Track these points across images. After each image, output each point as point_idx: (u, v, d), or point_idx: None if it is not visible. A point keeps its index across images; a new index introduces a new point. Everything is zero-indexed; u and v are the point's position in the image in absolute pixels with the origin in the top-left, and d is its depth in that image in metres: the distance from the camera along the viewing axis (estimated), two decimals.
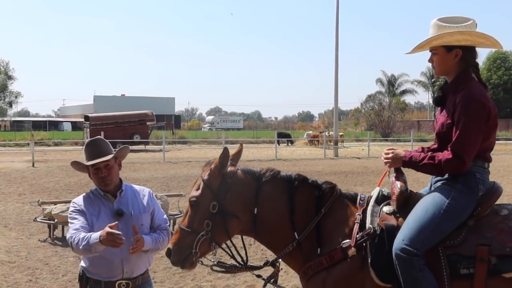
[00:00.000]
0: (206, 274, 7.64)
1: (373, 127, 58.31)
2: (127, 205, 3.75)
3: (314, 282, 3.36)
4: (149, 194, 3.92)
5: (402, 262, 3.05)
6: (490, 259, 3.09)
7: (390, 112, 59.80)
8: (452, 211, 3.14)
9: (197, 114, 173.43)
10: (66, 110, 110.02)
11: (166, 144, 31.38)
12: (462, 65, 3.32)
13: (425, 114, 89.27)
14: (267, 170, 3.58)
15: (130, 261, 3.66)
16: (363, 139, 47.04)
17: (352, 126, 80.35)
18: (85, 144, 3.83)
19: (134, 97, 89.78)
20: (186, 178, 19.44)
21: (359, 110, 75.95)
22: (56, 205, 9.98)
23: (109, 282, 3.64)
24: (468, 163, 3.17)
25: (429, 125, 68.98)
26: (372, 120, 60.95)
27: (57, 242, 9.52)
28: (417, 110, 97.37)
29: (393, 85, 79.39)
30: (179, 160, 28.71)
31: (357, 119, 76.77)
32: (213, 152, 34.33)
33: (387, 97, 74.12)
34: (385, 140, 48.27)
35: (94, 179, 3.75)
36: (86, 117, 40.50)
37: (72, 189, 16.38)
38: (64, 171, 22.06)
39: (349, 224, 3.38)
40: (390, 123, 59.00)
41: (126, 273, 3.66)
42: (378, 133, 55.47)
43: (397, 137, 52.59)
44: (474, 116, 3.13)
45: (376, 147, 39.70)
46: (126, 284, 3.67)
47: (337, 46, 36.54)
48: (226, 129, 49.12)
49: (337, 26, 36.48)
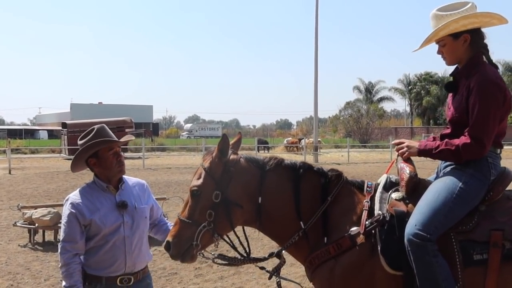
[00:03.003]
0: (193, 277, 7.55)
1: (351, 134, 58.62)
2: (129, 198, 3.60)
3: (321, 271, 3.25)
4: (146, 187, 3.81)
5: (415, 247, 2.97)
6: (504, 244, 3.03)
7: (368, 119, 60.28)
8: (464, 196, 3.07)
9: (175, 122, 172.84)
10: (42, 118, 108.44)
11: (145, 151, 31.11)
12: (472, 49, 3.26)
13: (402, 122, 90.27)
14: (270, 158, 3.49)
15: (133, 256, 3.53)
16: (342, 146, 47.34)
17: (330, 133, 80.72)
18: (96, 129, 3.56)
19: (111, 105, 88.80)
20: (167, 184, 19.31)
21: (338, 117, 76.37)
22: (37, 210, 9.83)
23: (110, 278, 3.49)
24: (488, 147, 3.11)
25: (406, 132, 69.77)
26: (351, 127, 61.35)
27: (38, 247, 9.33)
28: (393, 117, 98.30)
29: (370, 92, 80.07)
30: (158, 167, 28.48)
31: (335, 126, 77.16)
32: (193, 159, 34.17)
33: (365, 104, 74.74)
34: (363, 147, 48.62)
35: (110, 164, 3.51)
36: (64, 124, 39.82)
37: (51, 195, 16.10)
38: (41, 177, 21.74)
39: (357, 211, 3.30)
40: (368, 130, 59.41)
41: (128, 268, 3.53)
42: (356, 140, 55.79)
43: (375, 143, 52.98)
44: (491, 98, 3.07)
45: (355, 153, 40.04)
46: (128, 279, 3.52)
47: (317, 55, 36.80)
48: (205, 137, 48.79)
49: (316, 34, 36.74)
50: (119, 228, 3.48)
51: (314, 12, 36.82)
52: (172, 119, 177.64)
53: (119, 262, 3.48)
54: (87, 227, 3.43)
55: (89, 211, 3.43)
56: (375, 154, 40.79)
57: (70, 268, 3.34)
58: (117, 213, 3.49)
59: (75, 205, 3.44)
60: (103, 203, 3.49)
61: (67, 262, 3.35)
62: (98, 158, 3.52)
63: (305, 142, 37.70)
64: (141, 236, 3.62)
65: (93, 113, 64.21)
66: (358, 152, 41.97)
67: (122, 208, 3.50)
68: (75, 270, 3.35)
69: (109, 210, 3.48)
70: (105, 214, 3.45)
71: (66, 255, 3.36)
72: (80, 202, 3.46)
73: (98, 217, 3.43)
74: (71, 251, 3.37)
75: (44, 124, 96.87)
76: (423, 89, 77.95)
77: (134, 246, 3.53)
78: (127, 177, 3.78)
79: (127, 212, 3.52)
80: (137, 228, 3.55)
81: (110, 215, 3.47)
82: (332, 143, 54.41)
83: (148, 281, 3.71)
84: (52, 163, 32.20)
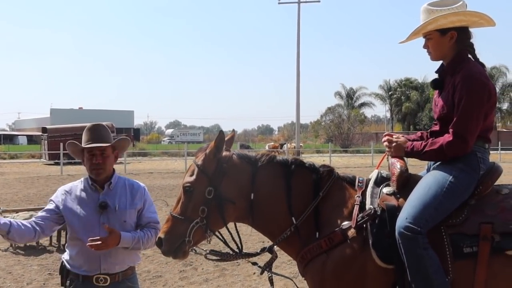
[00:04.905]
0: (178, 279, 7.52)
1: (332, 139, 58.95)
2: (113, 198, 3.58)
3: (313, 265, 3.27)
4: (143, 191, 3.76)
5: (406, 240, 3.00)
6: (494, 237, 3.07)
7: (350, 124, 60.68)
8: (454, 190, 3.11)
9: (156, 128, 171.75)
10: (22, 123, 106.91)
11: (126, 156, 30.88)
12: (458, 47, 3.31)
13: (383, 127, 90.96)
14: (262, 154, 3.51)
15: (109, 256, 3.49)
16: (323, 151, 47.55)
17: (311, 138, 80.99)
18: (86, 128, 3.63)
19: (92, 110, 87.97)
20: (149, 188, 18.56)
21: (319, 123, 76.72)
22: (18, 213, 9.64)
23: (87, 276, 3.49)
24: (471, 144, 3.16)
25: None
26: (332, 132, 61.69)
27: (19, 251, 9.21)
28: (374, 123, 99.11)
29: (351, 98, 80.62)
30: (140, 172, 28.30)
31: (316, 131, 77.47)
32: (175, 164, 34.04)
33: (346, 109, 75.23)
34: (345, 152, 48.89)
35: (87, 164, 3.59)
36: (44, 129, 39.24)
37: (32, 200, 15.88)
38: (22, 182, 21.45)
39: (348, 206, 3.33)
40: (350, 135, 59.84)
41: (104, 269, 3.50)
42: (337, 145, 56.10)
43: (356, 148, 53.36)
44: (475, 95, 3.12)
45: (337, 158, 40.28)
46: (104, 279, 3.50)
47: (298, 61, 37.12)
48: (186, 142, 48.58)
49: (298, 41, 37.13)
50: (94, 228, 3.46)
51: (296, 19, 37.18)
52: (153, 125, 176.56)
53: (93, 261, 3.48)
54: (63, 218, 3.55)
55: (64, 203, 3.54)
56: (357, 159, 41.04)
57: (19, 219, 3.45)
58: (94, 212, 3.49)
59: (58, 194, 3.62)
60: (85, 199, 3.54)
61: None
62: (83, 155, 3.61)
63: (287, 147, 37.77)
64: None
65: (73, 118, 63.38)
66: (339, 157, 42.23)
67: (101, 209, 3.50)
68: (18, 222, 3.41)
69: (89, 208, 3.50)
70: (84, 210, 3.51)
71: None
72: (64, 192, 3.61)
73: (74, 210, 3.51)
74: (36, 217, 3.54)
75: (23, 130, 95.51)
76: (403, 94, 78.76)
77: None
78: (126, 178, 3.79)
79: (106, 213, 3.51)
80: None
81: (86, 212, 3.48)
82: (313, 148, 54.59)
83: (129, 284, 3.64)
84: (32, 168, 31.79)
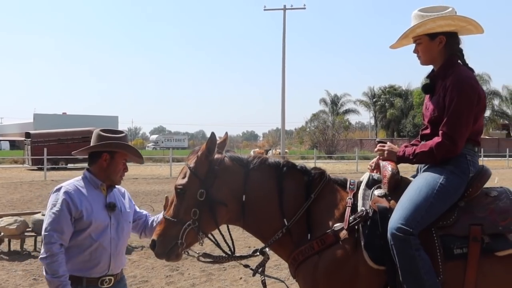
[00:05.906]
0: (164, 284, 7.50)
1: (317, 146, 59.16)
2: (117, 201, 3.62)
3: (305, 267, 3.29)
4: (127, 193, 3.85)
5: (398, 241, 3.04)
6: (483, 238, 3.12)
7: (334, 130, 61.00)
8: (445, 192, 3.16)
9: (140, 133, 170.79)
10: (4, 128, 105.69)
11: None
12: (447, 52, 3.38)
13: (367, 133, 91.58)
14: (254, 157, 3.53)
15: (117, 257, 3.54)
16: (308, 157, 47.70)
17: (296, 144, 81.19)
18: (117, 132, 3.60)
19: (76, 115, 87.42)
20: (134, 194, 19.06)
21: (304, 129, 76.98)
22: (2, 218, 9.59)
23: (92, 279, 3.44)
24: (461, 145, 3.22)
25: (371, 144, 70.67)
26: (317, 138, 61.92)
27: (3, 256, 9.11)
28: (358, 130, 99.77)
29: (336, 105, 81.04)
30: (125, 178, 27.59)
31: (301, 137, 77.66)
32: (160, 170, 33.89)
33: (331, 116, 75.63)
34: (329, 158, 49.07)
35: (116, 169, 3.55)
36: (27, 134, 38.75)
37: (15, 205, 15.74)
38: (4, 188, 21.18)
39: (340, 208, 3.36)
40: (334, 142, 60.11)
41: (111, 270, 3.52)
42: (322, 151, 56.32)
43: (341, 155, 53.62)
44: (465, 98, 3.18)
45: (322, 164, 40.34)
46: (109, 280, 3.51)
47: (284, 68, 37.28)
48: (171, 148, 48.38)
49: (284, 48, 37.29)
50: (106, 229, 3.47)
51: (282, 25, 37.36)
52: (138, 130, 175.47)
53: (103, 263, 3.46)
54: (76, 220, 3.37)
55: (80, 202, 3.38)
56: (341, 165, 41.25)
57: (59, 257, 3.23)
58: (105, 213, 3.49)
59: (69, 194, 3.37)
60: (94, 199, 3.48)
61: (55, 252, 3.22)
62: (112, 158, 3.54)
63: (272, 153, 37.87)
64: (125, 239, 3.66)
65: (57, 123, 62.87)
66: (324, 163, 42.32)
67: (110, 210, 3.50)
68: (63, 261, 3.25)
69: (99, 208, 3.47)
70: (97, 210, 3.44)
71: (54, 245, 3.24)
72: (74, 192, 3.40)
73: (90, 210, 3.40)
74: (58, 241, 3.26)
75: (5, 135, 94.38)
76: (387, 101, 79.41)
77: (119, 248, 3.55)
78: None
79: (114, 214, 3.53)
80: (122, 231, 3.57)
81: (100, 213, 3.45)
82: (298, 154, 54.72)
83: (125, 283, 3.74)
84: (15, 173, 31.41)
